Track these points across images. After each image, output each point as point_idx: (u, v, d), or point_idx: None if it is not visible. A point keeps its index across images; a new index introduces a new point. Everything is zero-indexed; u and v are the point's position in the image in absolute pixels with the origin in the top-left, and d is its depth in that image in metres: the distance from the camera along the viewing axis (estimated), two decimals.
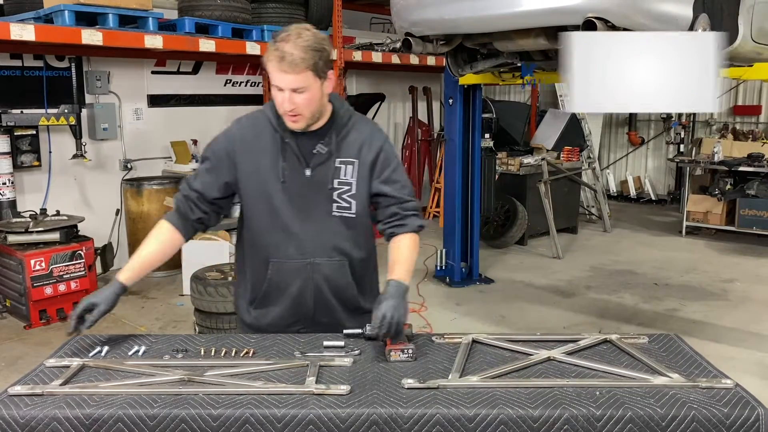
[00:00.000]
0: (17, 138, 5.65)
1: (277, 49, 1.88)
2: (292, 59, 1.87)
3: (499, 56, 3.97)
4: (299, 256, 2.09)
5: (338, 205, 2.09)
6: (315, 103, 1.97)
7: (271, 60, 1.90)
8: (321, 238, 2.09)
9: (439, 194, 9.12)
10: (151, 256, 2.11)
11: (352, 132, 2.11)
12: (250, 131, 2.11)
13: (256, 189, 2.08)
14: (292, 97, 1.92)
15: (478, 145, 6.11)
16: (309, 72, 1.91)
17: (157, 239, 2.13)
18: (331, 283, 2.13)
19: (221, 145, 2.12)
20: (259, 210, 2.10)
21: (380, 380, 1.77)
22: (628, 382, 1.74)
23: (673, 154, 10.50)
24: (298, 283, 2.11)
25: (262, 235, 2.12)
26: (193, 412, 1.60)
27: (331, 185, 2.07)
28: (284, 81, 1.90)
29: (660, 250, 7.53)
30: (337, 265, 2.12)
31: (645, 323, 5.15)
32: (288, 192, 2.06)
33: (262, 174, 2.07)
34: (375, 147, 2.11)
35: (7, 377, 4.10)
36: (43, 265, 4.98)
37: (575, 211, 8.45)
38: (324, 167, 2.07)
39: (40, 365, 1.88)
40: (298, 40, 1.88)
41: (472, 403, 1.63)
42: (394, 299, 1.96)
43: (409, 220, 2.15)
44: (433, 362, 1.89)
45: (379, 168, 2.11)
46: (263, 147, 2.07)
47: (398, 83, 9.57)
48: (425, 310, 5.48)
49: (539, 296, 5.87)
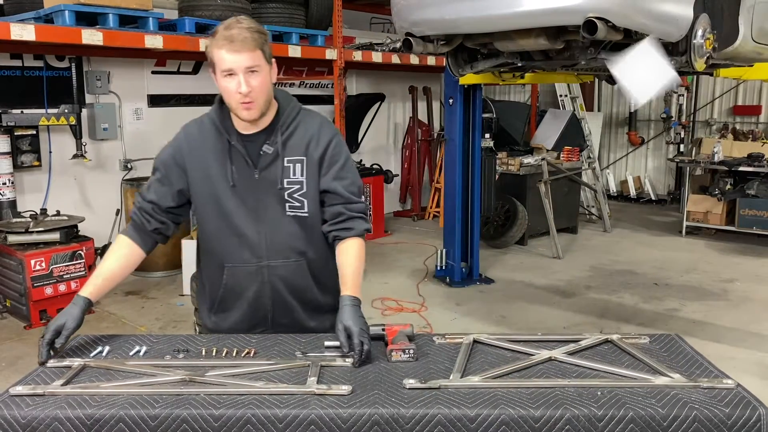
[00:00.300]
0: (17, 138, 5.65)
1: (223, 35, 1.88)
2: (243, 38, 1.87)
3: (499, 56, 3.95)
4: (254, 260, 2.07)
5: (290, 204, 2.06)
6: (266, 88, 1.95)
7: (220, 46, 1.88)
8: (275, 240, 2.07)
9: (439, 194, 9.13)
10: (112, 272, 2.08)
11: (299, 129, 2.08)
12: (197, 137, 2.09)
13: (206, 194, 2.07)
14: (247, 79, 1.89)
15: (478, 145, 6.11)
16: (260, 51, 1.90)
17: (116, 254, 2.10)
18: (289, 284, 2.11)
19: (169, 154, 2.11)
20: (210, 215, 2.08)
21: (381, 380, 1.76)
22: (630, 383, 1.74)
23: (673, 154, 10.51)
24: (254, 286, 2.10)
25: (215, 241, 2.11)
26: (194, 413, 1.60)
27: (281, 185, 2.05)
28: (238, 61, 1.87)
29: (660, 250, 7.53)
30: (294, 266, 2.10)
31: (645, 323, 5.15)
32: (238, 195, 2.05)
33: (211, 179, 2.05)
34: (323, 142, 2.08)
35: (7, 377, 4.10)
36: (44, 265, 4.98)
37: (575, 211, 8.45)
38: (272, 168, 2.05)
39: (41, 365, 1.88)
40: (241, 25, 1.89)
41: (473, 404, 1.63)
42: (352, 318, 1.89)
43: (356, 222, 2.10)
44: (435, 362, 1.89)
45: (327, 163, 2.08)
46: (211, 152, 2.06)
47: (398, 83, 9.57)
48: (425, 310, 5.48)
49: (539, 296, 5.87)
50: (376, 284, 6.21)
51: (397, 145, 9.94)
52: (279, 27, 6.61)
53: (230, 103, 1.96)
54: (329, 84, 8.67)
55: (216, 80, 1.96)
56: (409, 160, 9.61)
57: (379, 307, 5.52)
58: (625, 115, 11.11)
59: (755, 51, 3.83)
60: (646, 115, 11.00)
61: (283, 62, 7.99)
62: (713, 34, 3.37)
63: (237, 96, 1.91)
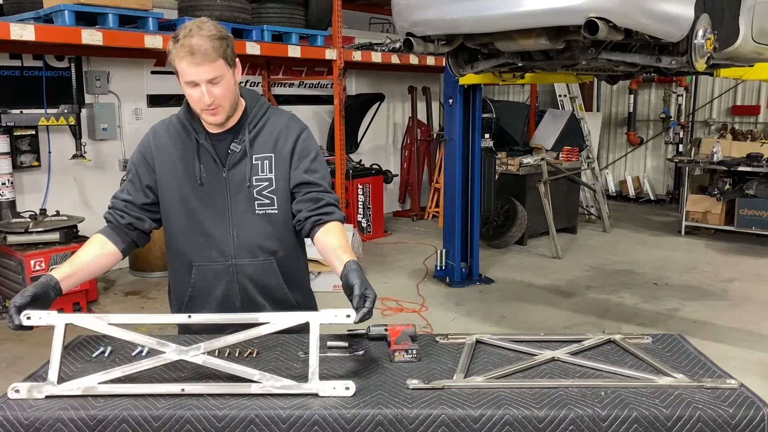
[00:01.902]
0: (17, 138, 5.65)
1: (184, 45, 1.84)
2: (203, 50, 1.83)
3: (500, 56, 3.96)
4: (221, 259, 2.07)
5: (260, 202, 2.05)
6: (231, 92, 1.94)
7: (181, 57, 1.85)
8: (244, 239, 2.06)
9: (438, 194, 9.13)
10: (84, 262, 2.05)
11: (266, 126, 2.07)
12: (164, 136, 2.09)
13: (173, 193, 2.06)
14: (209, 90, 1.88)
15: (478, 145, 6.11)
16: (221, 60, 1.87)
17: (87, 249, 2.08)
18: (257, 283, 2.10)
19: (138, 155, 2.12)
20: (177, 215, 2.07)
21: (385, 381, 1.76)
22: (633, 383, 1.73)
23: (672, 154, 10.52)
24: (222, 286, 2.09)
25: (182, 240, 2.09)
26: (197, 413, 1.60)
27: (250, 183, 2.04)
28: (199, 74, 1.86)
29: (659, 250, 7.54)
30: (263, 265, 2.09)
31: (645, 323, 5.15)
32: (206, 194, 2.04)
33: (178, 178, 2.05)
34: (291, 138, 2.08)
35: (7, 378, 4.10)
36: (43, 266, 4.97)
37: (575, 211, 8.46)
38: (240, 166, 2.04)
39: (43, 366, 1.87)
40: (202, 32, 1.85)
41: (477, 404, 1.62)
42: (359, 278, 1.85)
43: (334, 208, 2.08)
44: (437, 363, 1.88)
45: (297, 157, 2.07)
46: (178, 151, 2.05)
47: (397, 83, 9.57)
48: (425, 310, 5.48)
49: (539, 296, 5.87)
50: (376, 284, 6.12)
51: (396, 145, 9.94)
52: (279, 27, 6.60)
53: (195, 109, 1.97)
54: (328, 84, 8.67)
55: (180, 84, 1.95)
56: (408, 160, 9.61)
57: (379, 307, 5.52)
58: (624, 115, 11.13)
59: (755, 51, 3.83)
60: (645, 115, 11.01)
61: (283, 62, 8.01)
62: (714, 34, 3.37)
63: (201, 104, 1.92)
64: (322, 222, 2.06)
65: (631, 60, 3.56)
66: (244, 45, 6.14)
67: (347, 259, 1.94)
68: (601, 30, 2.95)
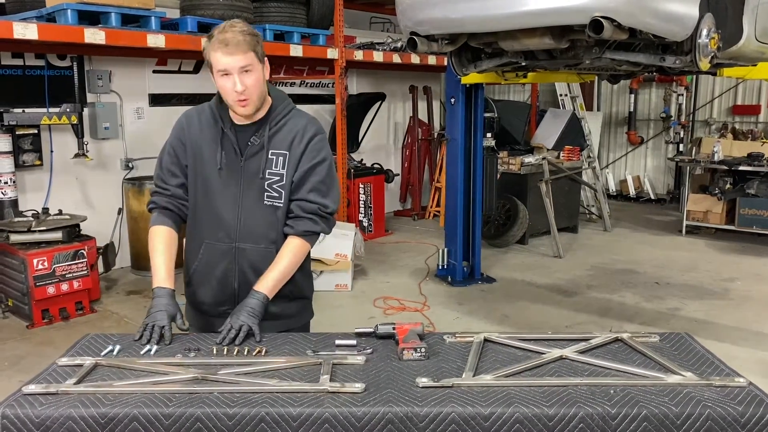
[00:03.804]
0: (19, 137, 5.64)
1: (218, 38, 2.02)
2: (236, 41, 2.01)
3: (503, 55, 3.96)
4: (227, 240, 2.21)
5: (269, 194, 2.19)
6: (260, 86, 2.09)
7: (216, 49, 2.02)
8: (249, 226, 2.19)
9: (439, 194, 9.14)
10: (172, 261, 2.22)
11: (286, 125, 2.21)
12: (196, 122, 2.24)
13: (197, 174, 2.22)
14: (242, 78, 2.03)
15: (480, 144, 6.11)
16: (252, 53, 2.04)
17: (163, 244, 2.23)
18: (255, 267, 2.21)
19: (175, 138, 2.26)
20: (197, 193, 2.23)
21: (394, 379, 1.77)
22: (642, 381, 1.74)
23: (673, 153, 10.53)
24: (223, 265, 2.22)
25: (198, 217, 2.25)
26: (208, 411, 1.60)
27: (263, 175, 2.17)
28: (233, 62, 2.01)
29: (660, 250, 7.55)
30: (263, 251, 2.20)
31: (647, 322, 5.16)
32: (224, 179, 2.19)
33: (203, 160, 2.21)
34: (306, 139, 2.20)
35: (11, 377, 4.09)
36: (46, 265, 4.97)
37: (576, 211, 8.46)
38: (256, 158, 2.18)
39: (52, 364, 1.88)
40: (235, 29, 2.03)
41: (487, 402, 1.63)
42: (246, 312, 2.07)
43: (300, 222, 2.20)
44: (446, 361, 1.89)
45: (305, 158, 2.20)
46: (205, 137, 2.21)
47: (398, 83, 9.57)
48: (428, 309, 5.48)
49: (541, 295, 5.87)
50: (378, 283, 6.21)
51: (397, 145, 9.93)
52: (280, 26, 6.60)
53: (227, 100, 2.11)
54: (330, 83, 8.67)
55: (214, 79, 2.10)
56: (409, 160, 9.61)
57: (381, 306, 5.52)
58: (625, 114, 11.13)
59: (759, 50, 3.84)
60: (646, 114, 11.02)
61: (285, 61, 8.00)
62: (718, 34, 3.38)
63: (233, 94, 2.06)
64: (286, 233, 2.22)
65: (635, 59, 3.56)
66: None
67: (258, 287, 2.14)
68: (606, 29, 2.95)
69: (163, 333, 2.03)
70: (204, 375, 1.76)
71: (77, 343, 2.03)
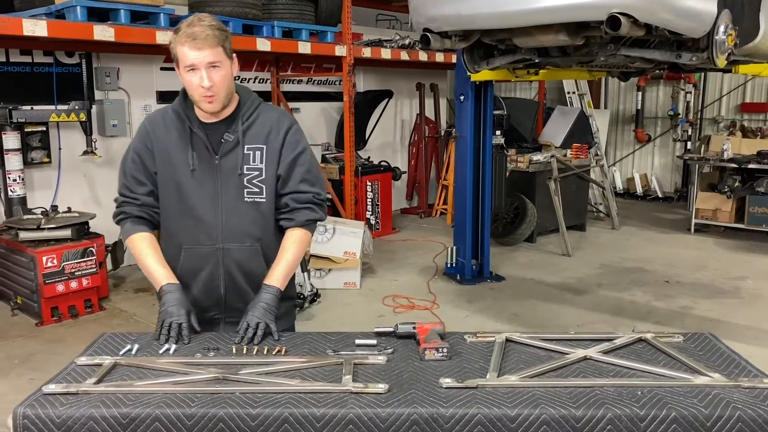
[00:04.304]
0: (27, 134, 5.63)
1: (186, 32, 1.97)
2: (205, 36, 1.96)
3: (516, 52, 3.93)
4: (209, 242, 2.15)
5: (249, 190, 2.14)
6: (228, 81, 2.04)
7: (183, 43, 1.97)
8: (231, 225, 2.14)
9: (445, 191, 9.11)
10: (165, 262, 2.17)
11: (259, 119, 2.17)
12: (161, 125, 2.18)
13: (168, 179, 2.15)
14: (209, 74, 1.98)
15: (489, 142, 6.08)
16: (221, 48, 1.99)
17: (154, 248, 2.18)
18: (242, 268, 2.17)
19: (140, 144, 2.18)
20: (171, 198, 2.16)
21: (417, 379, 1.75)
22: (669, 382, 1.72)
23: (680, 151, 10.48)
24: (208, 268, 2.17)
25: (174, 223, 2.18)
26: (231, 412, 1.58)
27: (241, 171, 2.12)
28: (200, 57, 1.96)
29: (669, 248, 7.51)
30: (248, 250, 2.17)
31: (660, 321, 5.12)
32: (198, 180, 2.13)
33: (172, 164, 2.14)
34: (282, 131, 2.17)
35: (21, 374, 4.08)
36: (55, 262, 4.95)
37: (584, 209, 8.42)
38: (232, 155, 2.13)
39: (71, 363, 1.86)
40: (203, 23, 1.98)
41: (513, 403, 1.61)
42: (260, 308, 2.05)
43: (299, 213, 2.19)
44: (468, 361, 1.87)
45: (285, 151, 2.17)
46: (173, 139, 2.15)
47: (405, 80, 9.54)
48: (437, 307, 5.46)
49: (551, 294, 5.85)
50: (387, 281, 6.19)
51: (403, 142, 9.91)
52: (289, 23, 6.57)
53: (193, 96, 2.05)
54: (336, 81, 8.64)
55: (179, 75, 2.05)
56: (416, 157, 9.59)
57: (390, 305, 5.50)
58: (632, 112, 11.07)
59: None
60: (653, 112, 10.97)
61: (292, 59, 7.98)
62: (735, 30, 3.34)
63: (200, 90, 2.00)
64: (285, 227, 2.21)
65: (651, 56, 3.53)
66: (255, 41, 6.11)
67: (268, 281, 2.12)
68: (624, 26, 2.93)
69: (182, 330, 2.00)
70: (225, 375, 1.74)
71: (95, 343, 2.01)
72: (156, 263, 2.14)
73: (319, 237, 5.95)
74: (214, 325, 2.16)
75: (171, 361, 1.85)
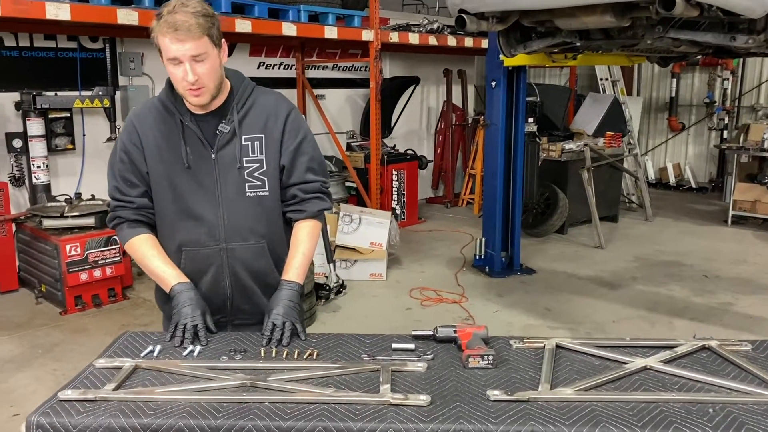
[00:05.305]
0: (51, 120, 5.56)
1: (167, 21, 1.77)
2: (187, 26, 1.76)
3: (556, 35, 3.73)
4: (211, 243, 2.00)
5: (251, 184, 1.99)
6: (215, 72, 1.87)
7: (164, 33, 1.78)
8: (234, 222, 1.99)
9: (472, 181, 8.91)
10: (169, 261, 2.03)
11: (255, 106, 2.01)
12: (148, 121, 1.99)
13: (161, 178, 1.98)
14: (193, 67, 1.81)
15: (521, 129, 5.87)
16: (206, 38, 1.81)
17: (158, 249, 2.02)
18: (248, 267, 2.03)
19: (128, 143, 1.99)
20: (166, 198, 2.00)
21: (461, 390, 1.60)
22: (743, 398, 1.55)
23: (716, 140, 10.13)
24: (212, 270, 2.02)
25: (171, 224, 2.02)
26: (260, 424, 1.45)
27: (240, 164, 1.97)
28: (183, 50, 1.78)
29: (706, 240, 7.25)
30: (254, 248, 2.03)
31: (698, 318, 4.91)
32: (194, 177, 1.97)
33: (165, 162, 1.97)
34: (281, 118, 2.02)
35: (44, 364, 4.03)
36: (79, 251, 4.89)
37: (616, 200, 8.17)
38: (229, 147, 1.97)
39: (89, 366, 1.74)
40: (186, 9, 1.78)
41: (569, 420, 1.45)
42: (283, 306, 1.92)
43: (309, 204, 2.06)
44: (516, 370, 1.71)
45: (287, 139, 2.02)
46: (163, 134, 1.97)
47: (432, 66, 9.32)
48: (466, 300, 5.30)
49: (584, 288, 5.65)
50: (414, 273, 6.04)
51: (429, 130, 9.71)
52: (315, 7, 6.41)
53: (178, 89, 1.89)
54: (362, 67, 8.46)
55: (163, 63, 1.86)
56: (442, 145, 9.39)
57: (417, 297, 5.36)
58: (666, 99, 10.73)
59: None
60: (688, 99, 10.61)
61: (318, 44, 7.82)
62: None
63: (185, 83, 1.84)
64: (293, 220, 2.08)
65: (702, 39, 3.31)
66: (280, 25, 5.96)
67: (287, 276, 1.99)
68: (678, 6, 2.73)
69: (197, 332, 1.87)
70: (253, 381, 1.61)
71: (115, 342, 1.89)
72: (163, 264, 1.98)
73: (344, 227, 5.81)
74: (221, 328, 2.01)
75: (195, 365, 1.72)
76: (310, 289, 4.76)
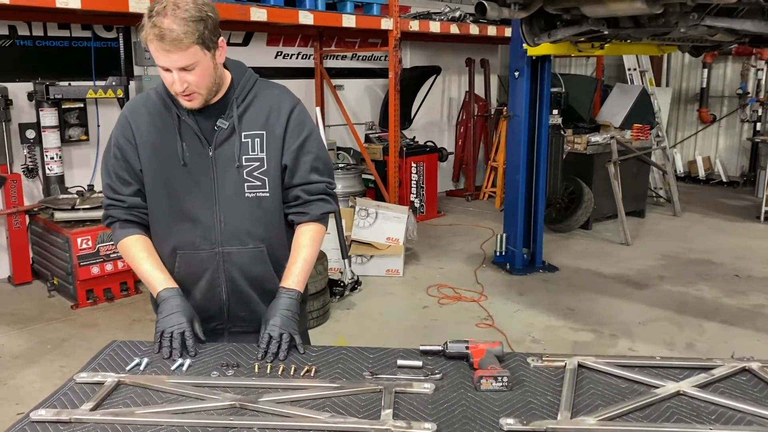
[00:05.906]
0: (65, 111, 5.48)
1: (155, 25, 1.63)
2: (173, 36, 1.63)
3: (582, 23, 3.53)
4: (207, 246, 1.88)
5: (250, 184, 1.86)
6: (209, 77, 1.74)
7: (151, 39, 1.65)
8: (232, 225, 1.87)
9: (494, 173, 8.70)
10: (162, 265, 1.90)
11: (256, 101, 1.88)
12: (143, 114, 1.87)
13: (155, 175, 1.86)
14: (181, 76, 1.69)
15: (545, 121, 5.66)
16: (195, 46, 1.67)
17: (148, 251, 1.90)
18: (246, 272, 1.91)
19: (121, 138, 1.88)
20: (159, 198, 1.88)
21: (471, 417, 1.44)
22: None
23: (748, 133, 9.77)
24: (207, 275, 1.90)
25: (165, 225, 1.90)
26: None
27: (239, 163, 1.84)
28: (170, 61, 1.67)
29: (737, 238, 6.97)
30: (252, 252, 1.90)
31: (729, 321, 4.68)
32: (191, 175, 1.85)
33: (160, 158, 1.85)
34: (284, 113, 1.88)
35: (53, 360, 3.96)
36: (90, 244, 4.81)
37: (644, 194, 7.90)
38: (228, 144, 1.85)
39: (70, 380, 1.62)
40: (176, 12, 1.64)
41: None
42: (281, 316, 1.79)
43: (312, 206, 1.93)
44: (533, 394, 1.55)
45: (290, 137, 1.88)
46: (158, 129, 1.85)
47: (454, 55, 9.10)
48: (485, 299, 5.13)
49: (608, 287, 5.44)
50: (431, 269, 5.88)
51: (451, 122, 9.51)
52: None
53: (170, 91, 1.78)
54: (381, 56, 8.28)
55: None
56: (463, 137, 9.18)
57: (435, 295, 5.20)
58: (696, 90, 10.38)
59: None
60: (720, 90, 10.24)
61: (336, 33, 7.66)
62: None
63: (174, 89, 1.74)
64: (296, 223, 1.96)
65: (741, 27, 3.09)
66: (297, 14, 5.80)
67: (286, 284, 1.86)
68: None
69: (185, 340, 1.74)
70: (243, 402, 1.48)
71: (101, 353, 1.77)
72: (152, 267, 1.86)
73: (360, 221, 5.67)
74: (217, 336, 1.90)
75: (182, 382, 1.59)
76: (324, 285, 4.63)
